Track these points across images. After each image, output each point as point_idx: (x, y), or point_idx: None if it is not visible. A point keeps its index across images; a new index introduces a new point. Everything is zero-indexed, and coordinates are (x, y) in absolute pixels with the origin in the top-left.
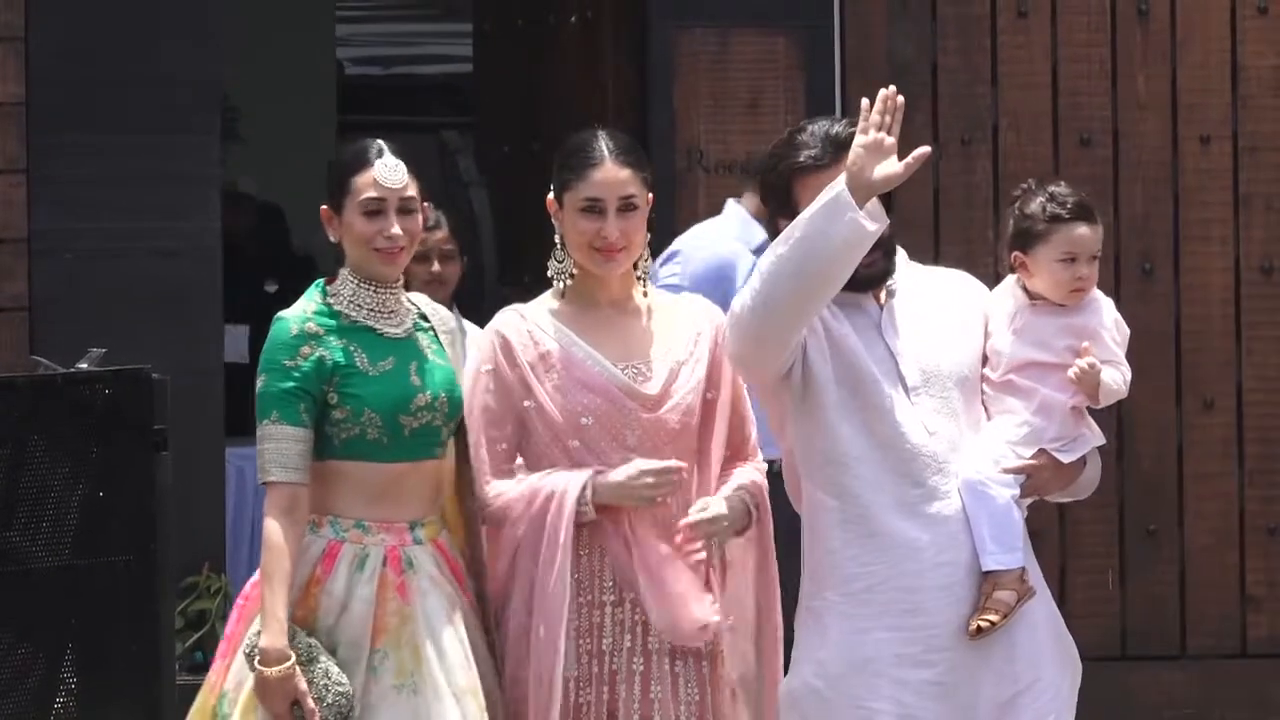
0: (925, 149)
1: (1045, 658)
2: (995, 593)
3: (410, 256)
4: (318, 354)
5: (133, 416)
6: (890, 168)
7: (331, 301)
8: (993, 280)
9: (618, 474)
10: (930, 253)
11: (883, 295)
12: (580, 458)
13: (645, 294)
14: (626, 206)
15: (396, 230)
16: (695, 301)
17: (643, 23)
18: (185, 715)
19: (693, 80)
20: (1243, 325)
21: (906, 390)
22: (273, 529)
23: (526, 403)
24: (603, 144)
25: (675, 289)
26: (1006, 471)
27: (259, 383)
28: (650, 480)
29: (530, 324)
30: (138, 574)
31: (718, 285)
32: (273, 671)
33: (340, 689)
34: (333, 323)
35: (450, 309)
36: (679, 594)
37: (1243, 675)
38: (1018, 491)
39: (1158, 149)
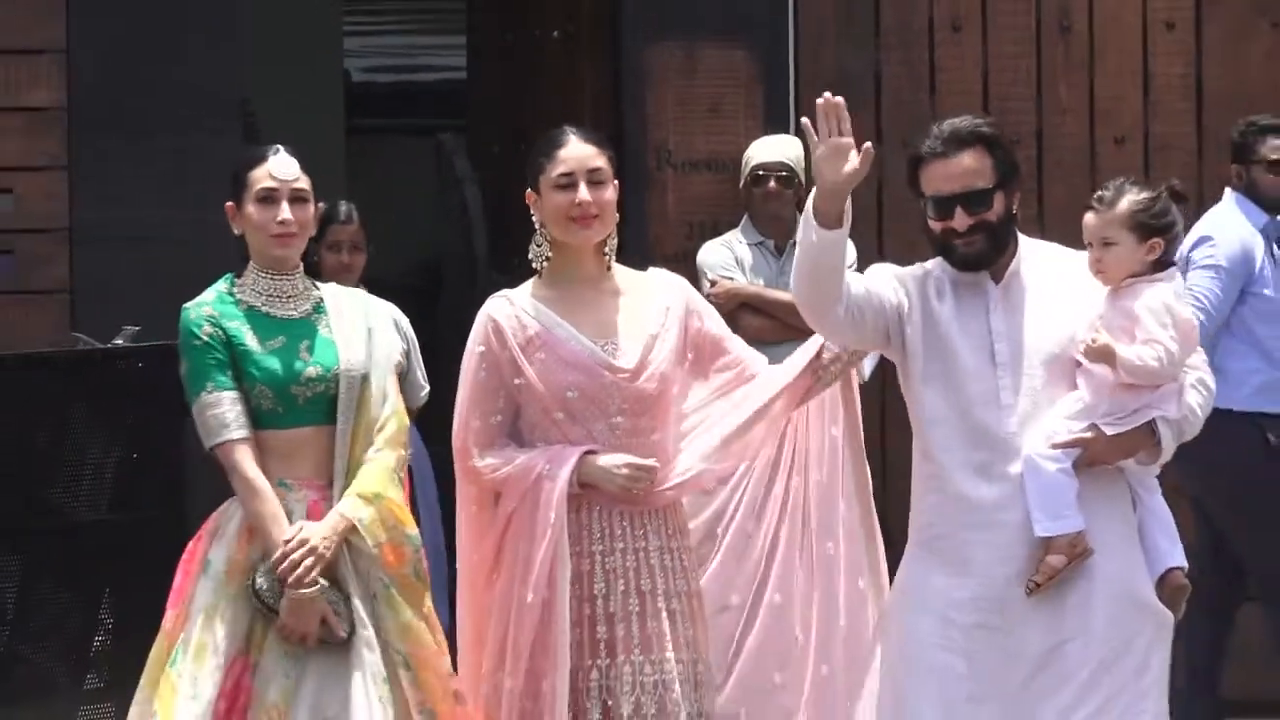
0: (869, 145)
1: (1098, 612)
2: (1047, 556)
3: (304, 243)
4: (217, 331)
5: (163, 387)
6: (851, 164)
7: (236, 291)
8: None
9: (603, 460)
10: (874, 244)
11: (1004, 275)
12: (565, 428)
13: (609, 269)
14: (595, 180)
15: (288, 215)
16: (662, 276)
17: (617, 37)
18: None
19: (661, 88)
20: None
21: (995, 365)
22: (252, 475)
23: (517, 380)
24: (567, 129)
25: (1215, 269)
26: (1055, 446)
27: (182, 367)
28: (627, 473)
29: (517, 309)
30: (167, 527)
31: (1244, 262)
32: (305, 593)
33: (339, 606)
34: (229, 308)
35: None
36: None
37: None
38: (1068, 464)
39: (1078, 149)
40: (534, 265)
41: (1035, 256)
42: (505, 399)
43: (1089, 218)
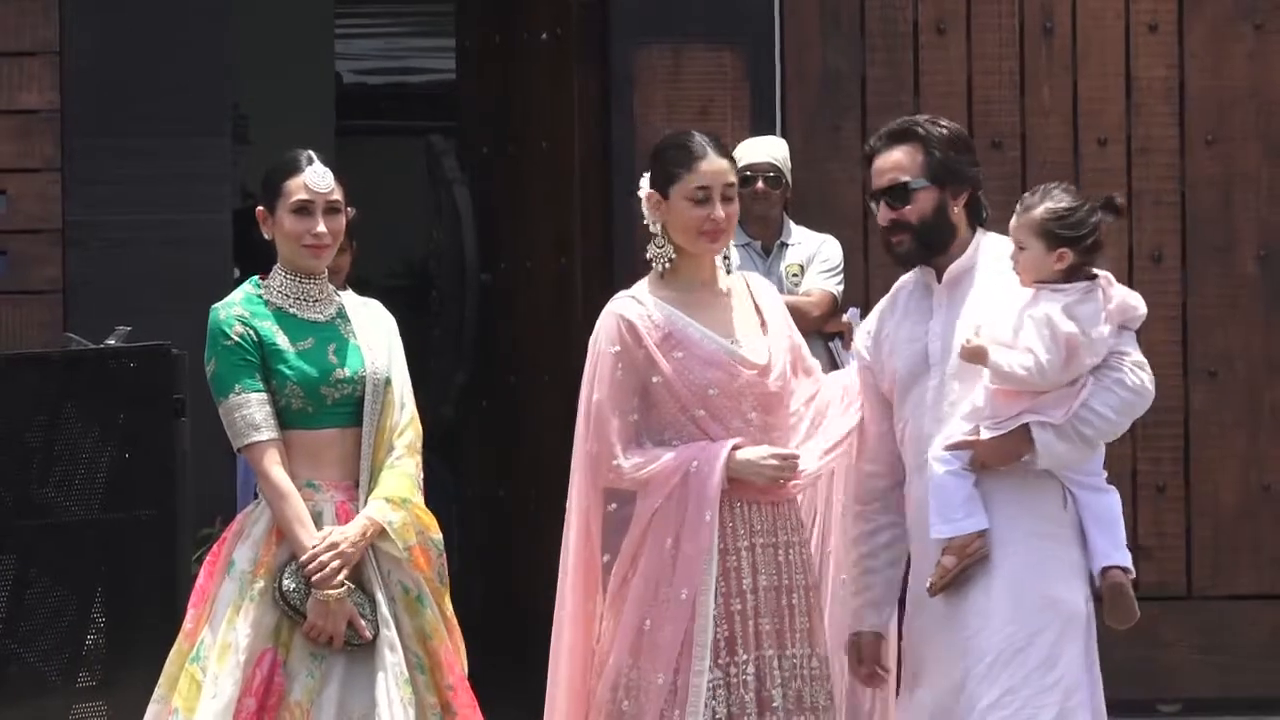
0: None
1: (996, 608)
2: (941, 557)
3: (334, 252)
4: (249, 331)
5: (154, 387)
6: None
7: (262, 292)
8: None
9: (749, 453)
10: (860, 245)
11: (947, 275)
12: (705, 425)
13: (729, 273)
14: (727, 195)
15: (322, 228)
16: (754, 279)
17: (605, 40)
18: None
19: (650, 90)
20: None
21: (929, 367)
22: (280, 478)
23: (655, 379)
24: (702, 139)
25: None
26: (947, 448)
27: (210, 367)
28: (775, 464)
29: (647, 308)
30: (159, 526)
31: None
32: (332, 594)
33: (365, 608)
34: (259, 308)
35: (344, 290)
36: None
37: None
38: (957, 466)
39: (1060, 151)
40: (654, 266)
41: (991, 254)
42: (640, 397)
43: (1013, 220)
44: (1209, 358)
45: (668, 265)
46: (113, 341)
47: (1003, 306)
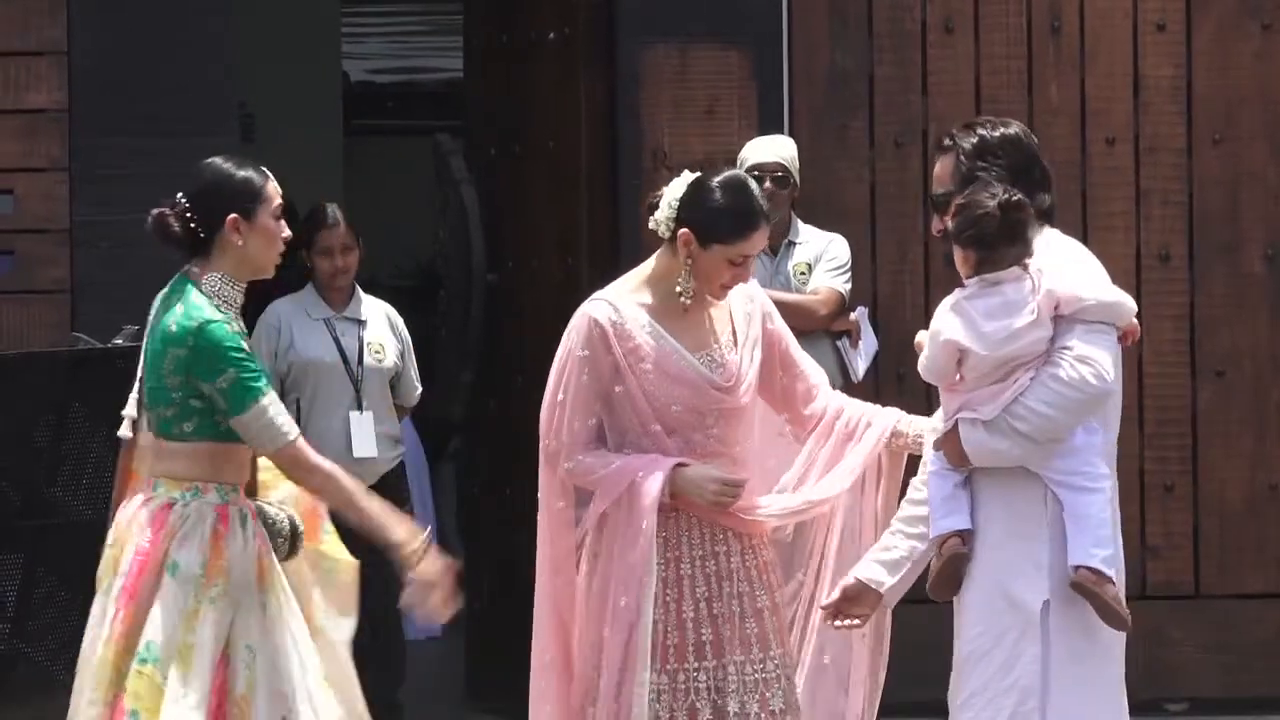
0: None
1: (965, 609)
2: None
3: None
4: (244, 339)
5: None
6: None
7: (221, 306)
8: (922, 266)
9: (693, 473)
10: (867, 242)
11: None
12: (660, 440)
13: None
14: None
15: (288, 233)
16: (740, 286)
17: (613, 39)
18: None
19: (656, 90)
20: (1143, 306)
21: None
22: (333, 468)
23: (617, 388)
24: (759, 207)
25: None
26: (933, 447)
27: (233, 375)
28: (716, 489)
29: (622, 316)
30: None
31: None
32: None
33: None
34: (230, 320)
35: (353, 291)
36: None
37: (1143, 615)
38: (939, 466)
39: (1068, 150)
40: (680, 297)
41: (1041, 253)
42: (601, 403)
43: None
44: (1216, 357)
45: (688, 302)
46: (120, 341)
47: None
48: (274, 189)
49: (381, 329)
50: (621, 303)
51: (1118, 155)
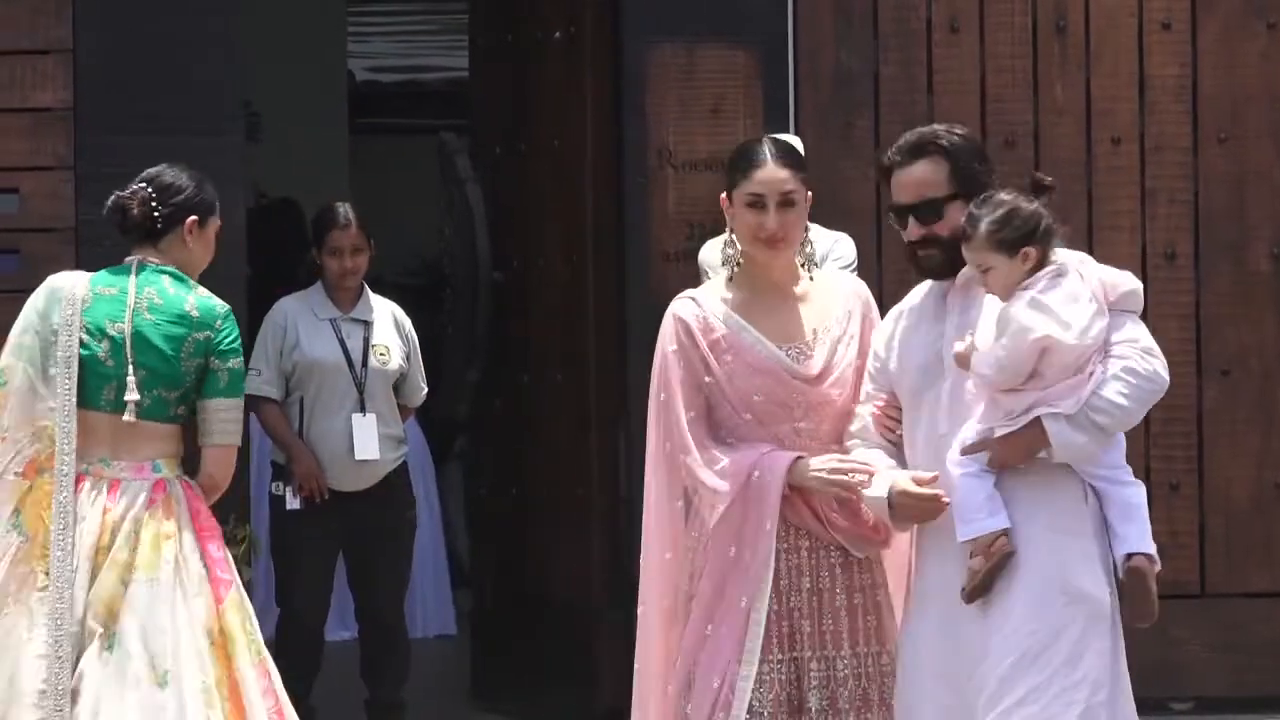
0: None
1: (1016, 605)
2: (969, 561)
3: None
4: None
5: None
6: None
7: None
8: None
9: (815, 464)
10: (873, 242)
11: (964, 282)
12: (749, 430)
13: (811, 278)
14: (785, 202)
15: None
16: (847, 281)
17: (618, 38)
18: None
19: (662, 89)
20: (1149, 305)
21: (943, 370)
22: None
23: (707, 379)
24: (765, 148)
25: None
26: (963, 451)
27: (241, 361)
28: (830, 476)
29: (704, 310)
30: None
31: None
32: None
33: None
34: None
35: (361, 291)
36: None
37: None
38: (974, 468)
39: (1073, 149)
40: (724, 266)
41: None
42: (702, 396)
43: (966, 251)
44: (1222, 356)
45: (736, 269)
46: None
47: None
48: (218, 214)
49: (388, 330)
50: (704, 297)
51: (1123, 154)
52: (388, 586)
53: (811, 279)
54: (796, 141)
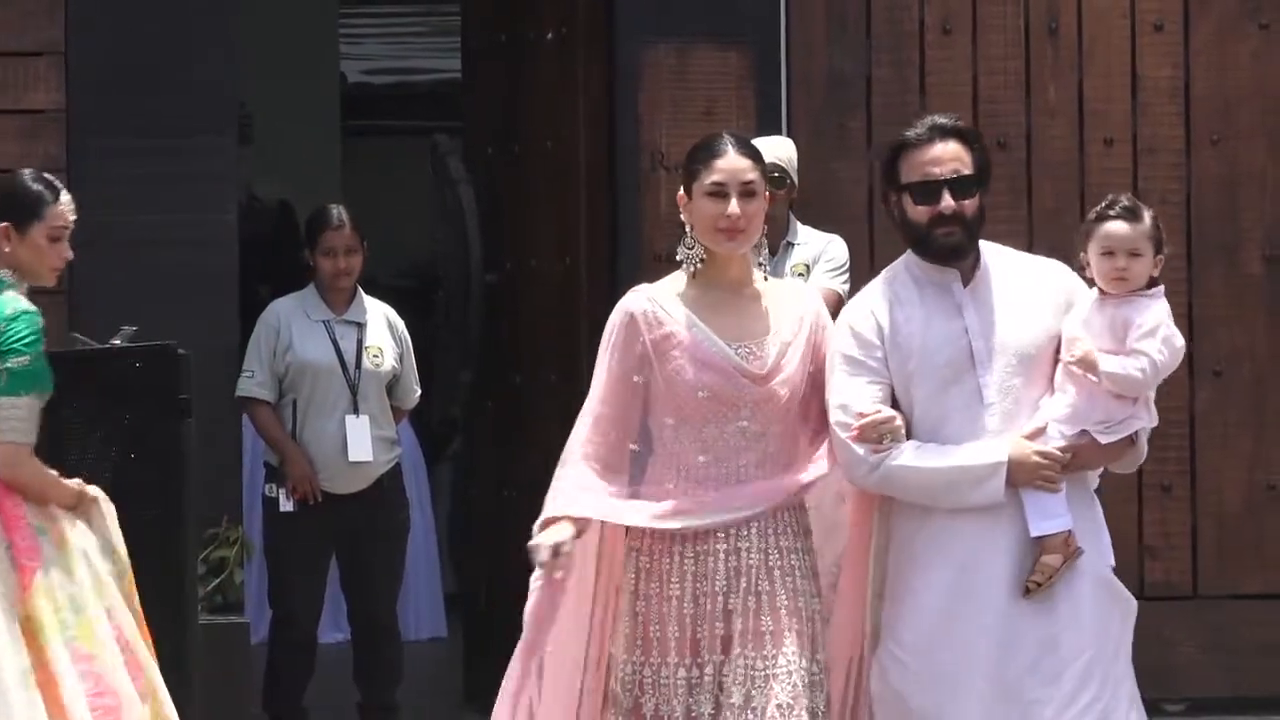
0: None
1: (1085, 601)
2: (1043, 557)
3: None
4: None
5: (160, 387)
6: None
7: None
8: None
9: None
10: (865, 244)
11: (972, 276)
12: (689, 431)
13: (765, 279)
14: (746, 192)
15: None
16: (797, 286)
17: (611, 39)
18: (207, 650)
19: (655, 90)
20: None
21: (975, 364)
22: None
23: (635, 378)
24: (726, 139)
25: None
26: (1053, 451)
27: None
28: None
29: (656, 305)
30: (165, 526)
31: None
32: None
33: None
34: None
35: (355, 293)
36: None
37: (1140, 615)
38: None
39: (1066, 151)
40: (684, 266)
41: (996, 259)
42: (633, 395)
43: (1120, 227)
44: (1214, 358)
45: (699, 266)
46: (118, 342)
47: (1041, 306)
48: (62, 213)
49: (381, 332)
50: (658, 292)
51: (1116, 156)
52: (381, 588)
53: (765, 279)
54: (788, 144)
